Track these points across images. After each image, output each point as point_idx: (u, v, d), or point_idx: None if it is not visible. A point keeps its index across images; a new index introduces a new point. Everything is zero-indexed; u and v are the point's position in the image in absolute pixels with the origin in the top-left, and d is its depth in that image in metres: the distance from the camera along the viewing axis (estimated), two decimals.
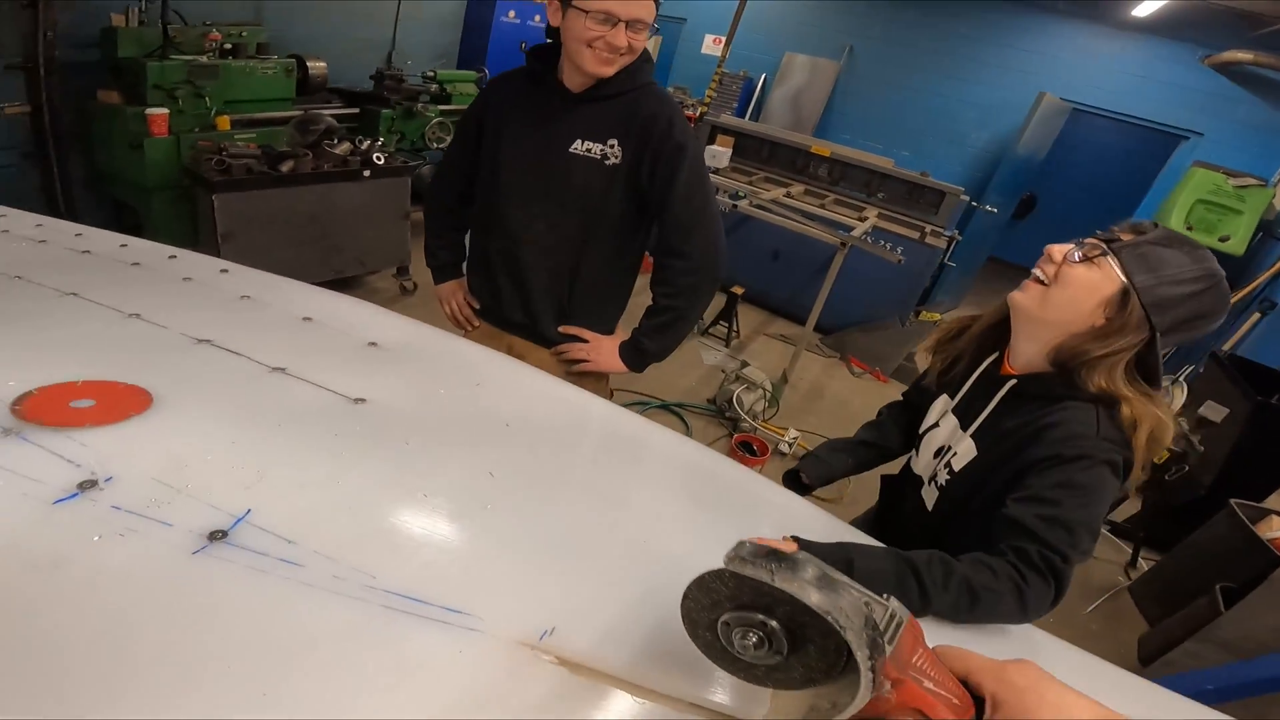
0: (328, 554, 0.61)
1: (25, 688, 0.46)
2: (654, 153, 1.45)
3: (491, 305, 1.73)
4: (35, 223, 1.51)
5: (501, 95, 1.59)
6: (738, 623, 0.47)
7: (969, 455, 1.09)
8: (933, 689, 0.48)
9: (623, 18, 1.32)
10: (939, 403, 1.23)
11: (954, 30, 6.67)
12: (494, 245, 1.64)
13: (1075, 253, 0.98)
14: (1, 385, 0.76)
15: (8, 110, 3.61)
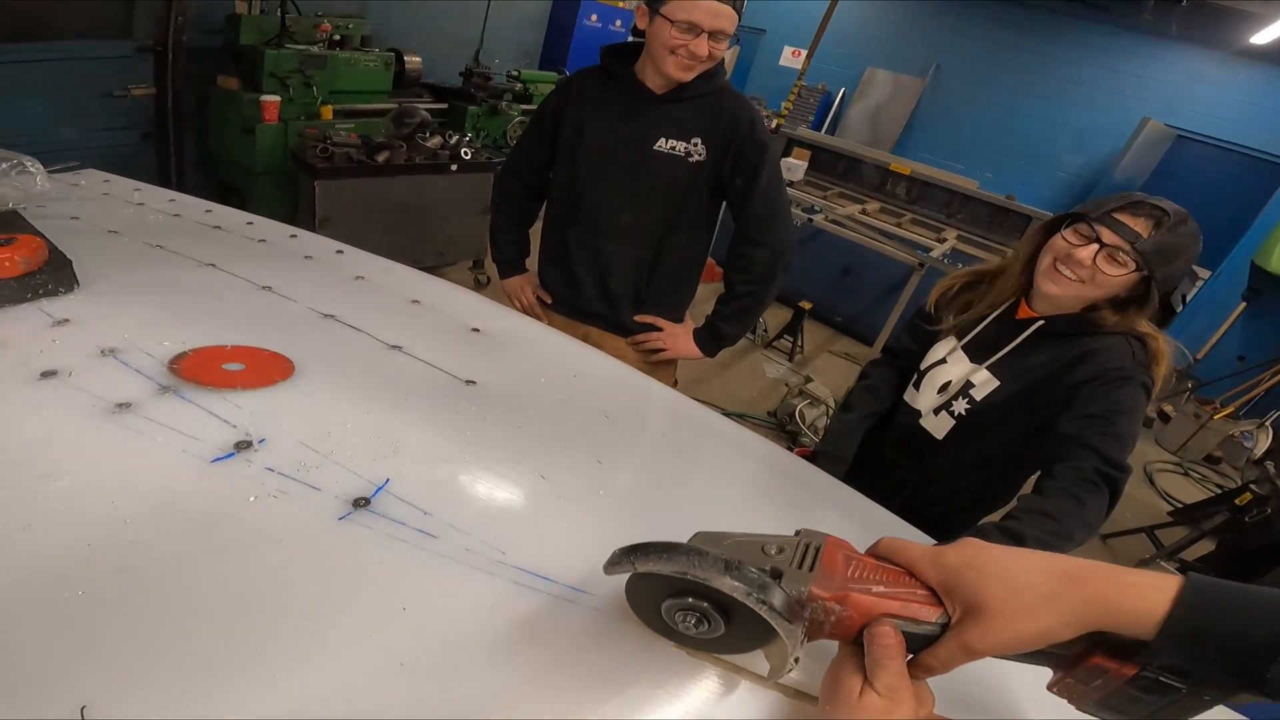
0: (460, 527, 0.64)
1: (182, 638, 0.50)
2: (738, 151, 1.54)
3: (568, 296, 1.79)
4: (168, 198, 1.64)
5: (580, 92, 1.64)
6: (674, 609, 0.50)
7: (989, 386, 1.24)
8: (887, 591, 0.48)
9: (706, 28, 1.39)
10: (944, 343, 1.36)
11: (1053, 50, 6.44)
12: (574, 236, 1.70)
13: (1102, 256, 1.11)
14: (158, 345, 0.84)
15: (135, 91, 3.87)
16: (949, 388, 1.32)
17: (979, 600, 0.46)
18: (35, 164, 1.38)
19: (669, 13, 1.38)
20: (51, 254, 1.00)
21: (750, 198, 1.57)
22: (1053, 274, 1.17)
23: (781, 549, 0.51)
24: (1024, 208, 4.75)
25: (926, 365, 1.37)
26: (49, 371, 0.75)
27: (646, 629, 0.56)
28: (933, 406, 1.34)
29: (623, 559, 0.50)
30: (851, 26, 7.31)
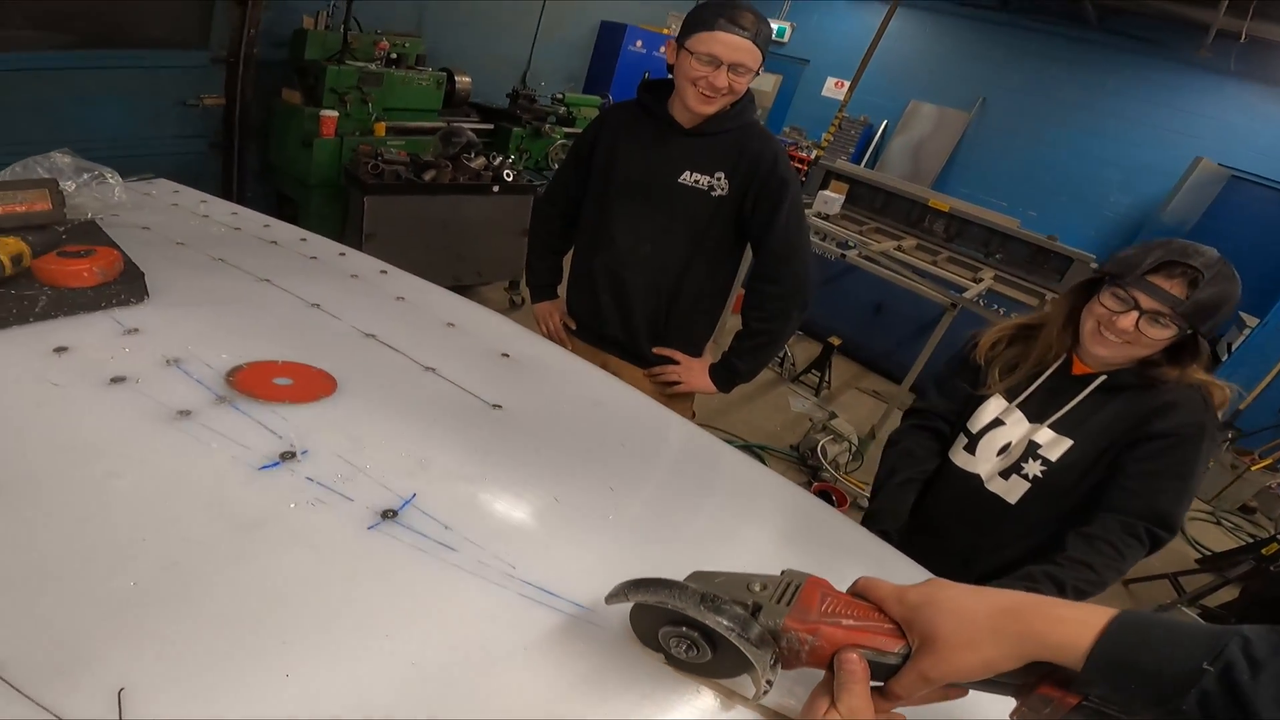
0: (477, 542, 0.69)
1: (224, 626, 0.55)
2: (760, 187, 1.56)
3: (591, 323, 1.83)
4: (230, 210, 1.75)
5: (616, 123, 1.69)
6: (669, 635, 0.57)
7: (1062, 445, 1.23)
8: (855, 624, 0.54)
9: (725, 61, 1.43)
10: (993, 403, 1.33)
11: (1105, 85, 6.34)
12: (599, 264, 1.73)
13: (1144, 321, 1.12)
14: (217, 357, 0.92)
15: (206, 101, 4.08)
16: (1010, 449, 1.29)
17: (933, 632, 0.51)
18: (114, 175, 1.50)
19: (691, 45, 1.45)
20: (126, 266, 1.09)
21: (769, 234, 1.59)
22: (1098, 337, 1.18)
23: (765, 586, 0.57)
24: (1065, 249, 4.66)
25: (978, 428, 1.34)
26: (118, 377, 0.83)
27: (638, 644, 0.62)
28: (997, 470, 1.30)
29: (620, 592, 0.57)
30: (897, 58, 7.32)
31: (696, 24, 1.45)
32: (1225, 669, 0.44)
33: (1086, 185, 6.58)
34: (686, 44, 1.46)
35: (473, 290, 4.49)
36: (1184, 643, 0.46)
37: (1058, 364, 1.29)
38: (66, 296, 0.98)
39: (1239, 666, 0.43)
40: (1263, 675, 0.43)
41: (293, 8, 4.17)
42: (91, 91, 3.61)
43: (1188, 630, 0.47)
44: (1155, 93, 6.16)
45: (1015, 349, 1.34)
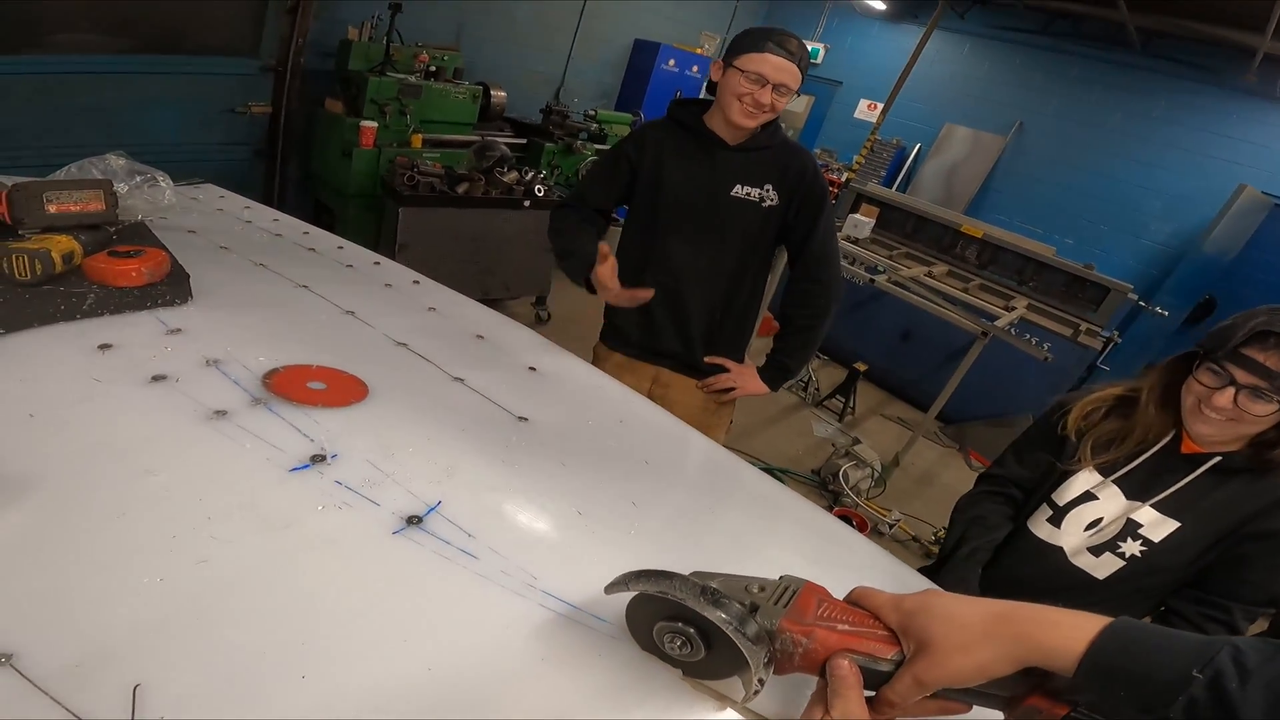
0: (499, 551, 0.70)
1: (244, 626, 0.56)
2: (803, 197, 1.69)
3: (642, 338, 1.86)
4: (273, 217, 1.80)
5: (657, 142, 1.73)
6: (664, 631, 0.58)
7: (1167, 526, 1.17)
8: (850, 629, 0.55)
9: (771, 80, 1.54)
10: (1084, 477, 1.26)
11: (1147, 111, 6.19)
12: (651, 280, 1.71)
13: (1243, 396, 1.05)
14: (255, 360, 0.94)
15: (254, 109, 4.21)
16: (1102, 525, 1.24)
17: (927, 637, 0.51)
18: (165, 179, 1.54)
19: (741, 64, 1.55)
20: (172, 267, 1.13)
21: (811, 240, 1.71)
22: (1199, 415, 1.12)
23: (763, 588, 0.57)
24: (1102, 278, 4.54)
25: (1065, 501, 1.28)
26: (159, 376, 0.86)
27: (651, 657, 0.61)
28: (1085, 545, 1.25)
29: (621, 581, 0.58)
30: (932, 81, 7.26)
31: (746, 45, 1.56)
32: (1214, 677, 0.43)
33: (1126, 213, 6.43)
34: (735, 63, 1.56)
35: (500, 304, 4.49)
36: (1175, 650, 0.46)
37: (1165, 441, 1.21)
38: (114, 295, 1.02)
39: (1228, 674, 0.43)
40: (1251, 684, 0.43)
41: (340, 18, 4.28)
42: (148, 96, 3.74)
43: (1179, 638, 0.47)
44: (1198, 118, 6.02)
45: (1112, 422, 1.27)
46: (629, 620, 0.61)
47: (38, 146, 3.43)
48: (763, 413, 4.19)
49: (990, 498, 1.41)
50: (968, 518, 1.40)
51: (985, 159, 7.08)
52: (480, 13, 5.20)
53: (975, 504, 1.42)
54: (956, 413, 4.49)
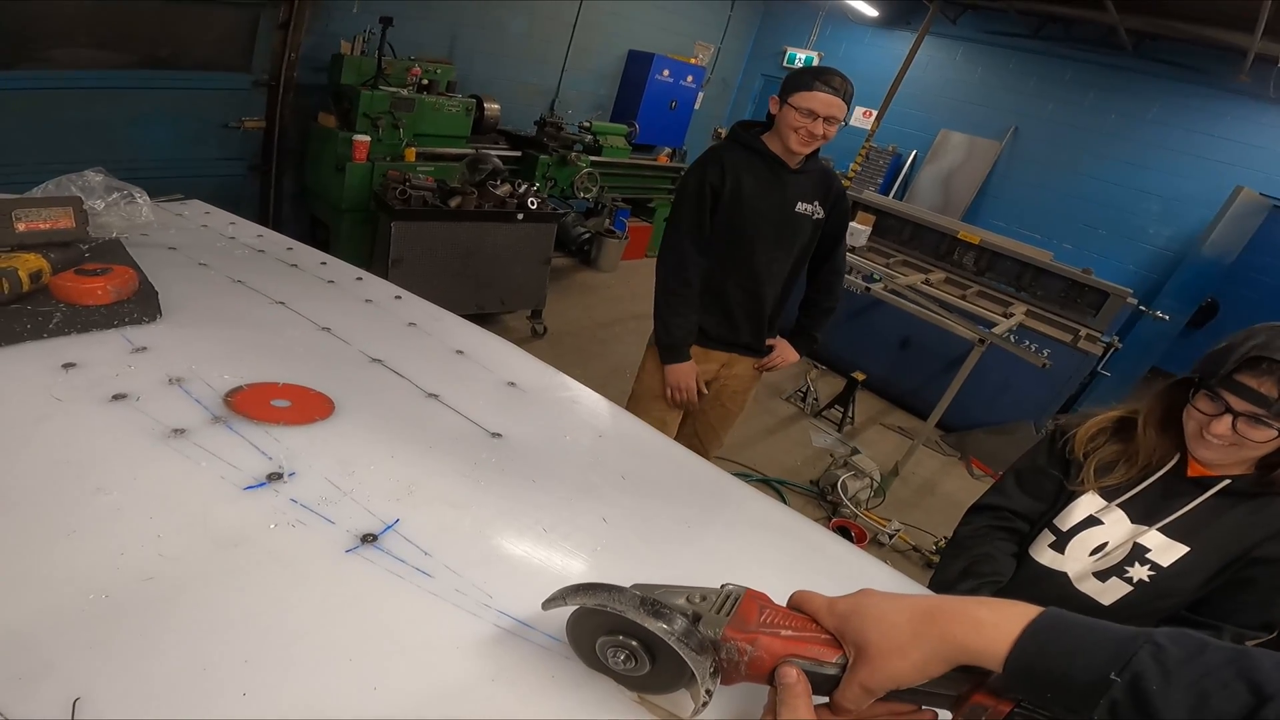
0: (455, 569, 0.68)
1: (187, 642, 0.55)
2: (839, 210, 2.13)
3: (721, 333, 2.18)
4: (256, 233, 1.79)
5: (735, 164, 1.99)
6: (607, 645, 0.56)
7: (1175, 551, 1.15)
8: (794, 635, 0.54)
9: (821, 114, 1.83)
10: (1087, 500, 1.24)
11: (1141, 113, 6.20)
12: (734, 283, 2.11)
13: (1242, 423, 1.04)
14: (219, 378, 0.92)
15: (248, 124, 4.23)
16: (1109, 551, 1.21)
17: (863, 642, 0.51)
18: (143, 195, 1.53)
19: (795, 101, 1.84)
20: (141, 285, 1.11)
21: (839, 240, 2.19)
22: (1201, 440, 1.10)
23: (705, 597, 0.57)
24: (1101, 283, 4.53)
25: (1068, 526, 1.26)
26: (120, 394, 0.84)
27: (608, 680, 0.59)
28: (1090, 570, 1.23)
29: (559, 596, 0.56)
30: (926, 87, 7.29)
31: (798, 85, 1.85)
32: (1134, 679, 0.42)
33: (1123, 217, 6.41)
34: (790, 100, 1.86)
35: (495, 319, 4.50)
36: (1093, 650, 0.44)
37: (1171, 464, 1.19)
38: (80, 314, 1.00)
39: (1149, 675, 0.42)
40: (1173, 685, 0.41)
41: (332, 32, 4.30)
42: (141, 111, 3.76)
43: (1100, 635, 0.45)
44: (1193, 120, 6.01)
45: (1116, 445, 1.25)
46: (570, 636, 0.59)
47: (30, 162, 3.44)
48: (761, 424, 4.16)
49: (996, 533, 1.36)
50: (973, 554, 1.34)
51: (981, 165, 7.09)
52: (473, 25, 5.22)
53: (980, 540, 1.36)
54: (957, 421, 4.45)
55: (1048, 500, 1.31)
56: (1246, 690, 0.40)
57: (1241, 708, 0.40)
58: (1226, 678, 0.41)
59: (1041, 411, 4.52)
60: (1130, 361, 5.39)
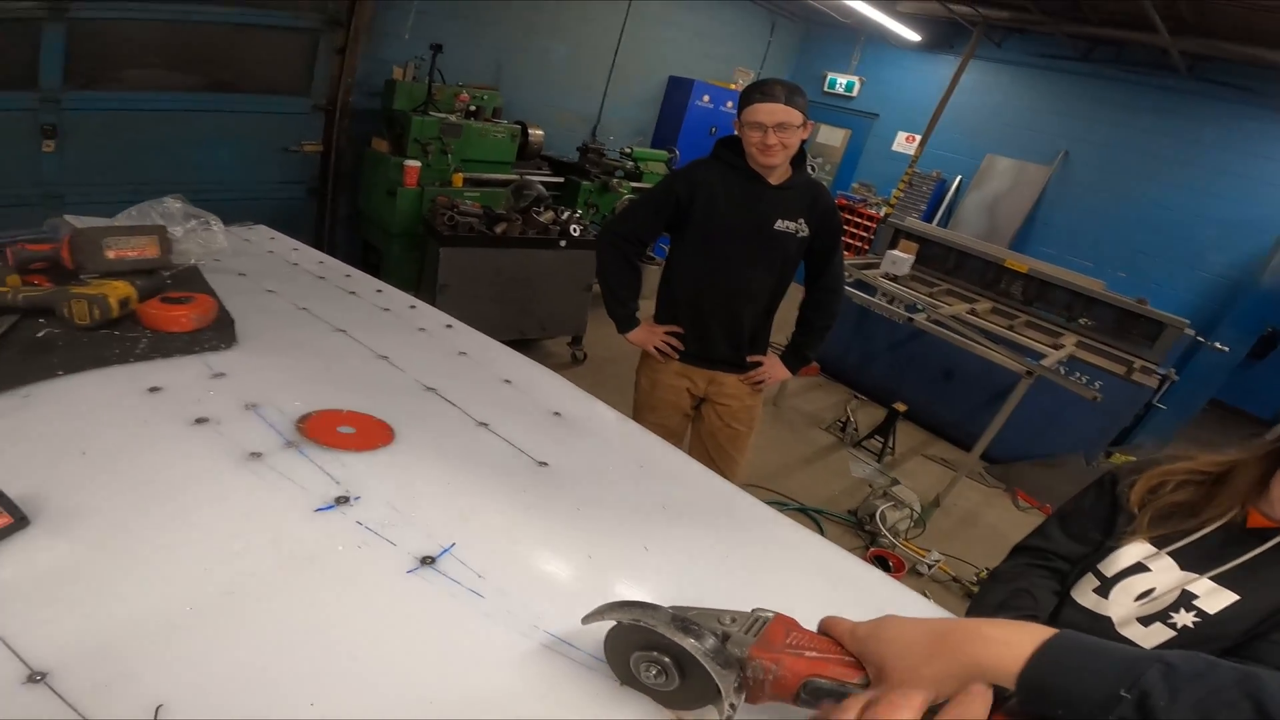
0: (507, 592, 0.72)
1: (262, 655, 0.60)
2: (827, 229, 2.08)
3: (699, 348, 2.18)
4: (318, 259, 1.89)
5: (707, 179, 1.99)
6: (640, 660, 0.60)
7: (1225, 598, 1.12)
8: (818, 655, 0.57)
9: (768, 124, 1.81)
10: (1135, 548, 1.20)
11: (1196, 136, 6.01)
12: (708, 300, 2.10)
13: None
14: (290, 404, 0.99)
15: (306, 148, 4.40)
16: (1154, 596, 1.19)
17: (881, 663, 0.54)
18: (218, 223, 1.64)
19: (744, 119, 1.87)
20: (219, 313, 1.20)
21: (831, 262, 2.15)
22: None
23: (735, 620, 0.60)
24: (1156, 313, 4.38)
25: (1114, 572, 1.23)
26: (202, 418, 0.91)
27: (644, 698, 0.63)
28: (1134, 615, 1.20)
29: (598, 611, 0.61)
30: (972, 111, 7.19)
31: (742, 103, 1.88)
32: (1142, 697, 0.43)
33: (1179, 243, 6.19)
34: (741, 118, 1.88)
35: (536, 344, 4.55)
36: (1104, 669, 0.46)
37: (1229, 515, 1.16)
38: (165, 340, 1.09)
39: (1156, 693, 0.43)
40: (1179, 704, 0.42)
41: (385, 58, 4.46)
42: (209, 134, 3.95)
43: (1111, 655, 0.47)
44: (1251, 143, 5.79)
45: (1180, 495, 1.21)
46: (608, 652, 0.63)
47: (104, 183, 3.63)
48: (799, 453, 4.13)
49: (1035, 570, 1.33)
50: (1012, 587, 1.32)
51: (1030, 190, 6.94)
52: (518, 52, 5.39)
53: (1020, 575, 1.33)
54: (1002, 453, 4.34)
55: (1092, 545, 1.28)
56: (1251, 709, 0.41)
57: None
58: (1233, 697, 0.42)
59: (1093, 445, 4.37)
60: (1188, 394, 5.17)
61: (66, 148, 3.51)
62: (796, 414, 4.63)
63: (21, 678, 0.53)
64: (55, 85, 3.39)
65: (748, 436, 2.33)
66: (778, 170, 1.94)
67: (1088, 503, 1.32)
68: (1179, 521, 1.18)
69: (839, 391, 5.18)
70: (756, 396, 2.29)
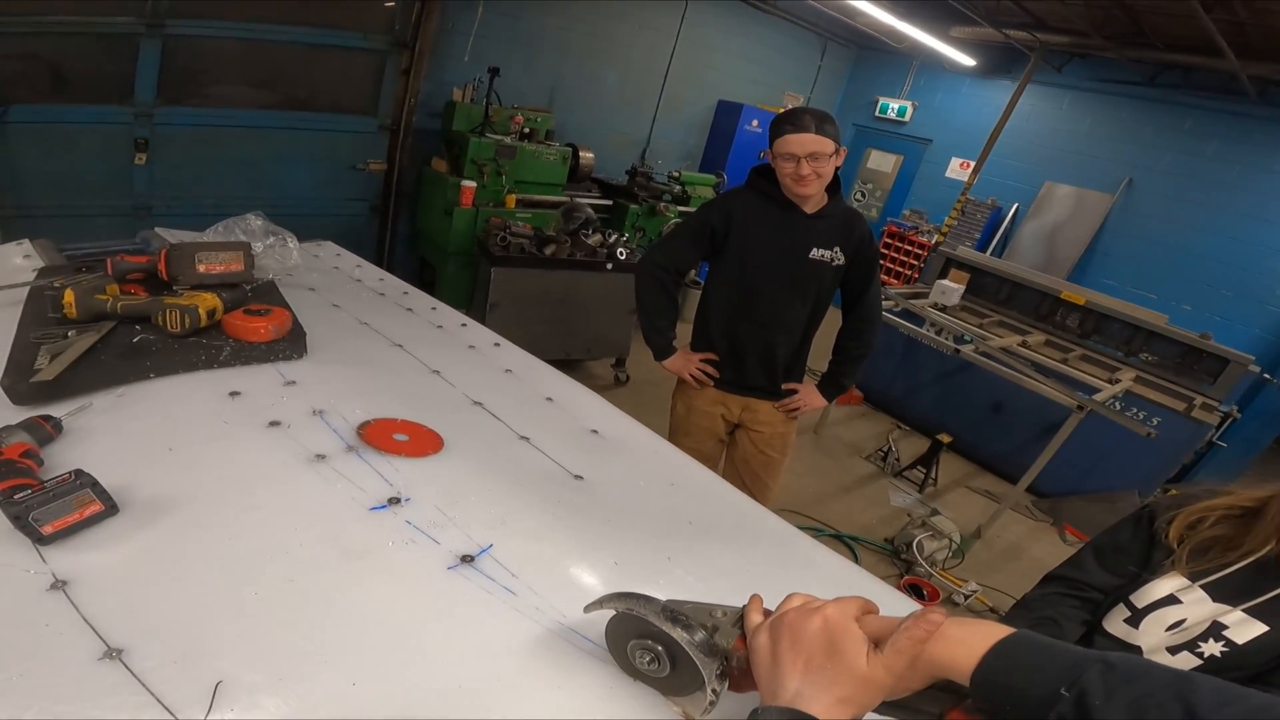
0: (537, 591, 0.79)
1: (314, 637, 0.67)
2: (864, 257, 2.08)
3: (734, 376, 2.21)
4: (379, 276, 2.02)
5: (743, 208, 2.03)
6: (636, 648, 0.65)
7: (1254, 629, 1.12)
8: None
9: (800, 155, 1.83)
10: (1168, 580, 1.21)
11: (1268, 165, 5.72)
12: (744, 329, 2.13)
13: None
14: (352, 411, 1.08)
15: (372, 166, 4.65)
16: (1185, 627, 1.19)
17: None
18: (293, 239, 1.77)
19: (775, 150, 1.89)
20: (294, 326, 1.31)
21: (868, 290, 2.15)
22: None
23: (725, 614, 0.65)
24: (1219, 348, 4.18)
25: (1145, 604, 1.24)
26: (275, 422, 1.01)
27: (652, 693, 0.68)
28: (1164, 645, 1.21)
29: (598, 601, 0.67)
30: (1030, 137, 7.02)
31: (773, 135, 1.89)
32: (1080, 695, 0.45)
33: (1249, 276, 5.88)
34: (772, 149, 1.91)
35: (580, 365, 4.63)
36: (1049, 667, 0.47)
37: (1266, 549, 1.15)
38: (245, 349, 1.21)
39: (1094, 692, 0.44)
40: (1114, 703, 0.44)
41: (446, 80, 4.68)
42: (285, 152, 4.21)
43: (1059, 655, 0.48)
44: None
45: (1218, 531, 1.21)
46: (609, 640, 0.69)
47: (188, 196, 3.89)
48: (839, 481, 4.09)
49: (1065, 600, 1.33)
50: (1037, 615, 1.32)
51: (1091, 219, 6.73)
52: (572, 75, 5.56)
53: (1047, 604, 1.34)
54: (1052, 487, 4.21)
55: (1125, 577, 1.28)
56: (1181, 711, 0.43)
57: None
58: (1164, 699, 0.44)
59: (1148, 482, 4.19)
60: (1252, 432, 4.91)
61: (156, 161, 3.76)
62: (838, 442, 4.59)
63: (99, 654, 0.59)
64: (149, 100, 3.64)
65: (781, 463, 2.34)
66: (813, 199, 1.95)
67: (1124, 536, 1.31)
68: (1216, 556, 1.18)
69: (882, 421, 5.11)
70: (791, 424, 2.29)
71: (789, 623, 0.56)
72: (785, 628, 0.56)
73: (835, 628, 0.54)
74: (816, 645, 0.53)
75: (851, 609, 0.56)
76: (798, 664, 0.53)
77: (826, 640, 0.53)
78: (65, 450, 0.88)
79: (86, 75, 3.46)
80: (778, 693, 0.53)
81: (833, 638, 0.53)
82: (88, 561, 0.71)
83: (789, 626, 0.55)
